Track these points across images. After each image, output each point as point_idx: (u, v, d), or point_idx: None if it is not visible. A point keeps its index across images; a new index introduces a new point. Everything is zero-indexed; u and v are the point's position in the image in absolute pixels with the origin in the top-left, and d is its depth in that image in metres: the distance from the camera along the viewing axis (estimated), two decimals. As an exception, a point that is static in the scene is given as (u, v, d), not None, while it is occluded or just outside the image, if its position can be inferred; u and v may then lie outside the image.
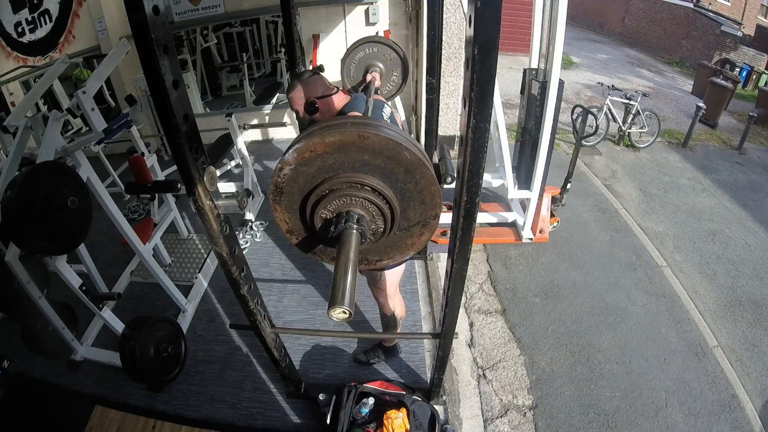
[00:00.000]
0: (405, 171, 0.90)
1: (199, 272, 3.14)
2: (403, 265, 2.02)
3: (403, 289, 2.93)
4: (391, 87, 2.30)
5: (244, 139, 3.80)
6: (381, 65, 2.25)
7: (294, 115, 2.67)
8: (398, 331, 2.27)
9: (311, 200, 0.95)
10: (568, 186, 3.66)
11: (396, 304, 2.13)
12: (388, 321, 2.22)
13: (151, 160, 3.27)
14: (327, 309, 0.84)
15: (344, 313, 0.83)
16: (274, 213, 1.05)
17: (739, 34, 10.06)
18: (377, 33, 4.56)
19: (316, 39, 4.57)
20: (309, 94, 1.66)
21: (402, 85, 2.31)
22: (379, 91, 2.12)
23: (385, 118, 1.62)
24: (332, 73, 4.65)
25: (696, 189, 4.75)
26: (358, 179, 0.90)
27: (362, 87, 2.16)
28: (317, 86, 1.69)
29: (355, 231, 0.90)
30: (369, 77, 2.16)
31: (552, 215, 3.58)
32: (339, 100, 1.71)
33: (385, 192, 0.91)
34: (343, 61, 2.30)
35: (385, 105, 1.78)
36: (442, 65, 4.15)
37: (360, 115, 1.53)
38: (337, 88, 1.77)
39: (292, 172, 0.93)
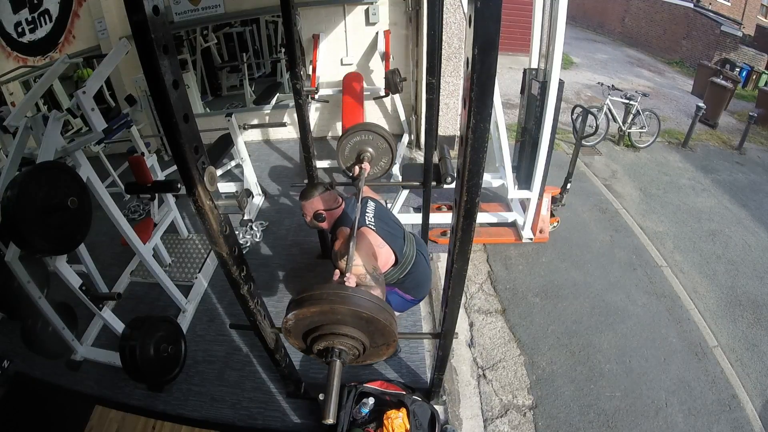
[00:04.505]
0: (367, 321, 1.33)
1: (199, 272, 3.14)
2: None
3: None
4: (377, 170, 2.65)
5: (244, 139, 3.80)
6: (372, 151, 2.57)
7: (294, 115, 2.75)
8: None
9: (309, 338, 1.41)
10: (568, 186, 3.65)
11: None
12: None
13: (151, 160, 3.28)
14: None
15: (330, 420, 1.21)
16: (288, 340, 1.49)
17: (739, 34, 10.05)
18: (377, 33, 4.57)
19: (316, 39, 4.57)
20: (318, 207, 1.98)
21: (388, 170, 2.70)
22: (367, 173, 2.41)
23: (370, 217, 1.96)
24: (332, 72, 4.72)
25: (696, 189, 4.74)
26: (336, 330, 1.35)
27: (353, 176, 2.42)
28: (328, 201, 2.00)
29: (338, 361, 1.35)
30: (357, 170, 2.41)
31: (552, 215, 3.58)
32: (338, 212, 2.02)
33: (355, 334, 1.36)
34: (339, 141, 2.60)
35: (369, 201, 2.08)
36: (442, 65, 4.17)
37: (347, 230, 1.82)
38: (342, 198, 2.08)
39: (294, 324, 1.37)
